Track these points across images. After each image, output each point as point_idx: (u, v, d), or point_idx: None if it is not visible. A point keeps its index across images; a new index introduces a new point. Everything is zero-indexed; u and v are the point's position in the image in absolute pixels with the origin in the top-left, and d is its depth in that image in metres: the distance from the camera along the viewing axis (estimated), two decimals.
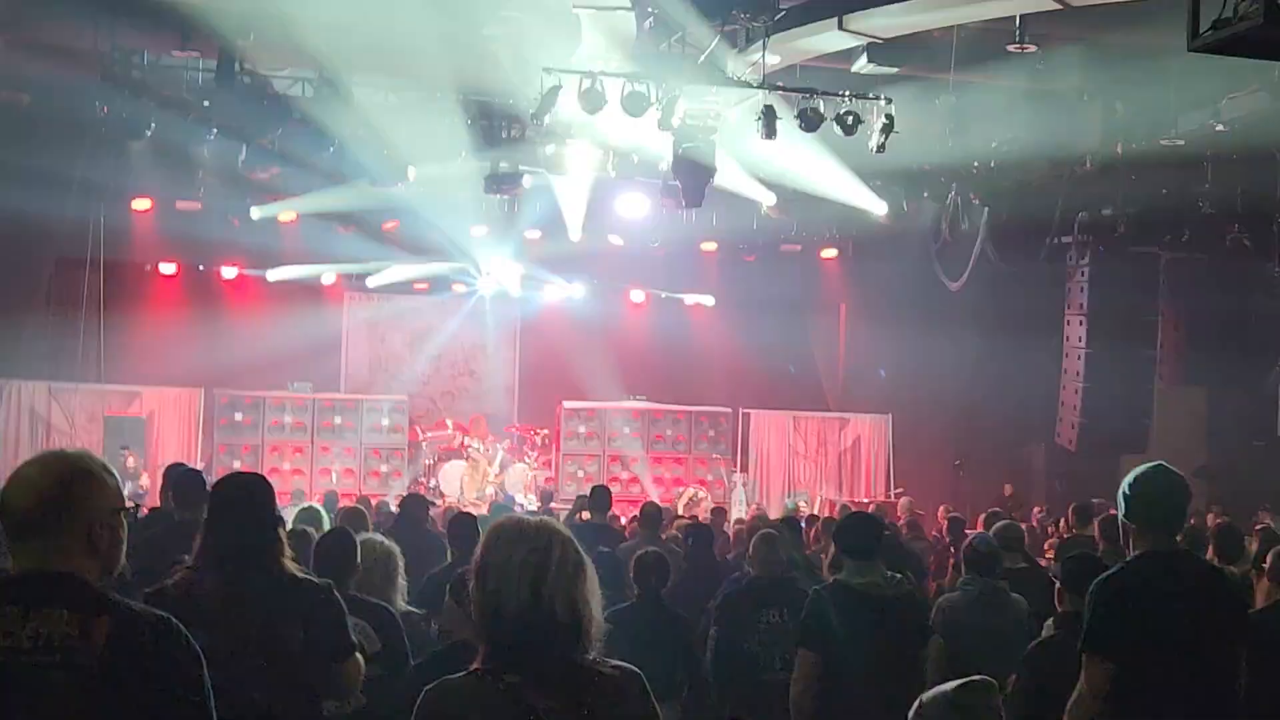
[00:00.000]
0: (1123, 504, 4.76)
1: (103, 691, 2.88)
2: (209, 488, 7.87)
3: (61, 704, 2.86)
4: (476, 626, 3.06)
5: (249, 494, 4.70)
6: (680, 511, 19.09)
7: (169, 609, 4.31)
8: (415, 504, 11.96)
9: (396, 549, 6.30)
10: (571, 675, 3.00)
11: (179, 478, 7.50)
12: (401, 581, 6.23)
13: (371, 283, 22.38)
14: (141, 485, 17.03)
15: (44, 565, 2.98)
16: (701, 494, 20.53)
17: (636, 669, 3.17)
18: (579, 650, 3.04)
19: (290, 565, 4.66)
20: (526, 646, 2.98)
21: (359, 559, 5.82)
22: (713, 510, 15.68)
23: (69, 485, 3.03)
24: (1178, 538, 4.81)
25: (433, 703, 3.01)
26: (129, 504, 3.21)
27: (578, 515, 12.16)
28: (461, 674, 3.04)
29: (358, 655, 4.86)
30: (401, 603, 6.15)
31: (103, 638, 2.90)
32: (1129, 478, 4.77)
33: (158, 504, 9.90)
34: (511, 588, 2.99)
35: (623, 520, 13.44)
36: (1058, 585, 6.22)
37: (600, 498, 11.50)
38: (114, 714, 2.90)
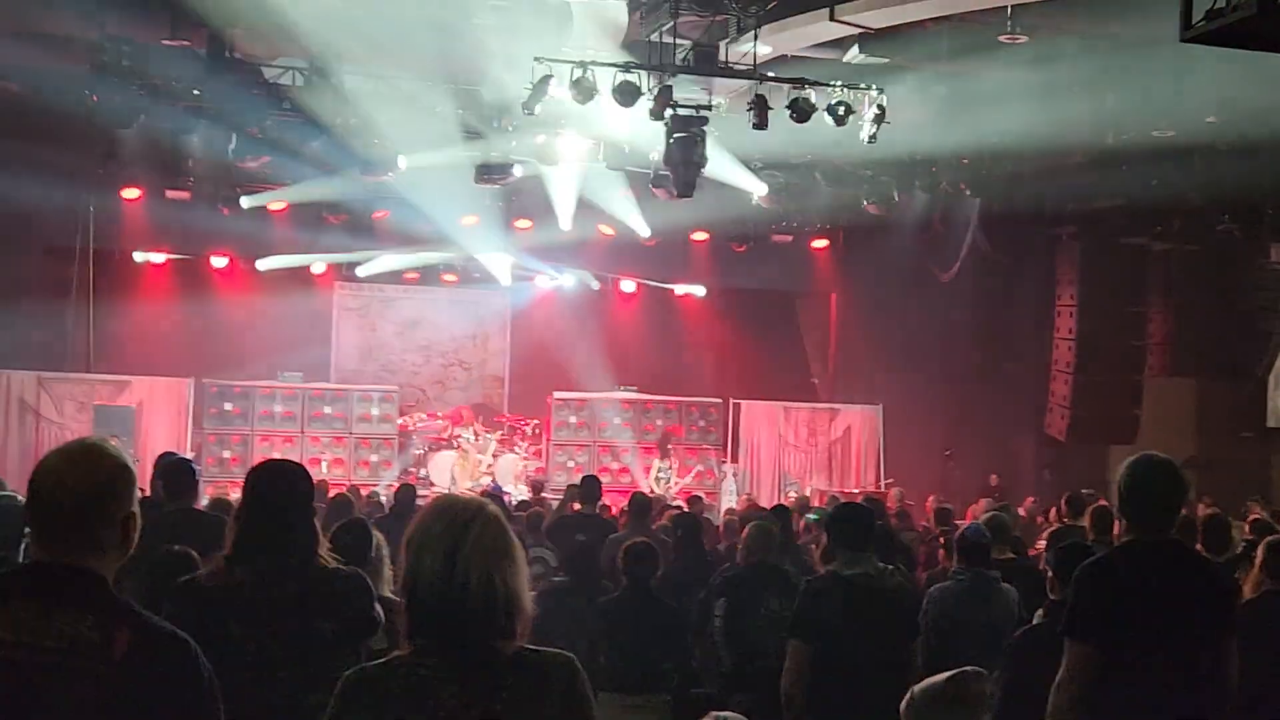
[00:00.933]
0: (1117, 493, 4.77)
1: (115, 703, 2.82)
2: (193, 475, 7.92)
3: (74, 709, 2.80)
4: (401, 602, 3.02)
5: (289, 484, 4.58)
6: (652, 487, 19.13)
7: (203, 601, 4.32)
8: (407, 494, 12.00)
9: (381, 538, 6.30)
10: (489, 665, 2.93)
11: (169, 467, 7.48)
12: (388, 571, 6.22)
13: (361, 272, 22.35)
14: None
15: (69, 559, 2.92)
16: (666, 466, 20.55)
17: (569, 656, 3.09)
18: (498, 636, 2.95)
19: (323, 556, 4.59)
20: (442, 627, 2.93)
21: (374, 551, 5.81)
22: (690, 499, 15.62)
23: (114, 479, 2.99)
24: (1170, 529, 4.80)
25: (349, 690, 2.98)
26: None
27: (568, 505, 12.15)
28: (381, 661, 3.01)
29: (382, 632, 4.84)
30: (389, 591, 6.14)
31: (123, 648, 2.85)
32: (1124, 466, 4.77)
33: (146, 492, 9.88)
34: (426, 560, 2.94)
35: (614, 510, 13.43)
36: (1050, 574, 6.24)
37: (590, 488, 11.51)
38: None
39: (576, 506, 11.63)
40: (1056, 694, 4.58)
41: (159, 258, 21.09)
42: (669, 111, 13.84)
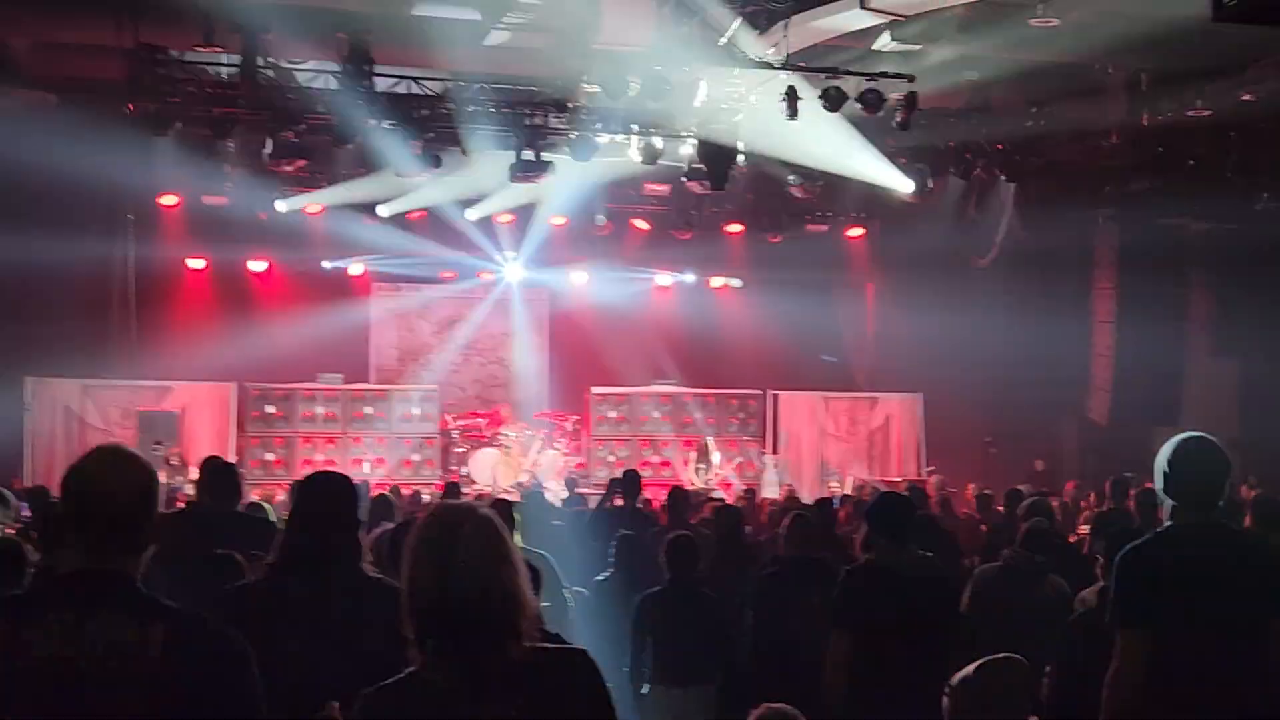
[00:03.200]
0: (1159, 475, 4.72)
1: (159, 700, 2.85)
2: (237, 478, 7.98)
3: (119, 712, 2.83)
4: (405, 617, 3.01)
5: (337, 496, 4.66)
6: (692, 479, 19.20)
7: (251, 606, 4.35)
8: (453, 492, 12.07)
9: None
10: (500, 669, 2.92)
11: (214, 471, 7.53)
12: None
13: (397, 269, 22.45)
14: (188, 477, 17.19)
15: (105, 564, 2.95)
16: (709, 444, 20.59)
17: (583, 651, 3.09)
18: (502, 638, 2.93)
19: (367, 566, 4.63)
20: (442, 634, 2.93)
21: None
22: (745, 491, 15.68)
23: (151, 482, 3.05)
24: (1214, 509, 4.75)
25: (368, 707, 2.99)
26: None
27: (610, 500, 12.18)
28: (397, 677, 2.99)
29: None
30: None
31: (159, 645, 2.87)
32: (1166, 448, 4.71)
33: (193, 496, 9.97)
34: (420, 569, 2.95)
35: (656, 505, 13.45)
36: (1100, 560, 6.21)
37: (631, 483, 11.51)
38: None
39: (618, 501, 11.64)
40: (1113, 687, 4.52)
41: (198, 263, 21.26)
42: (700, 104, 13.84)
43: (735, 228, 22.03)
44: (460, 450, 21.14)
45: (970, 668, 4.33)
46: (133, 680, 2.84)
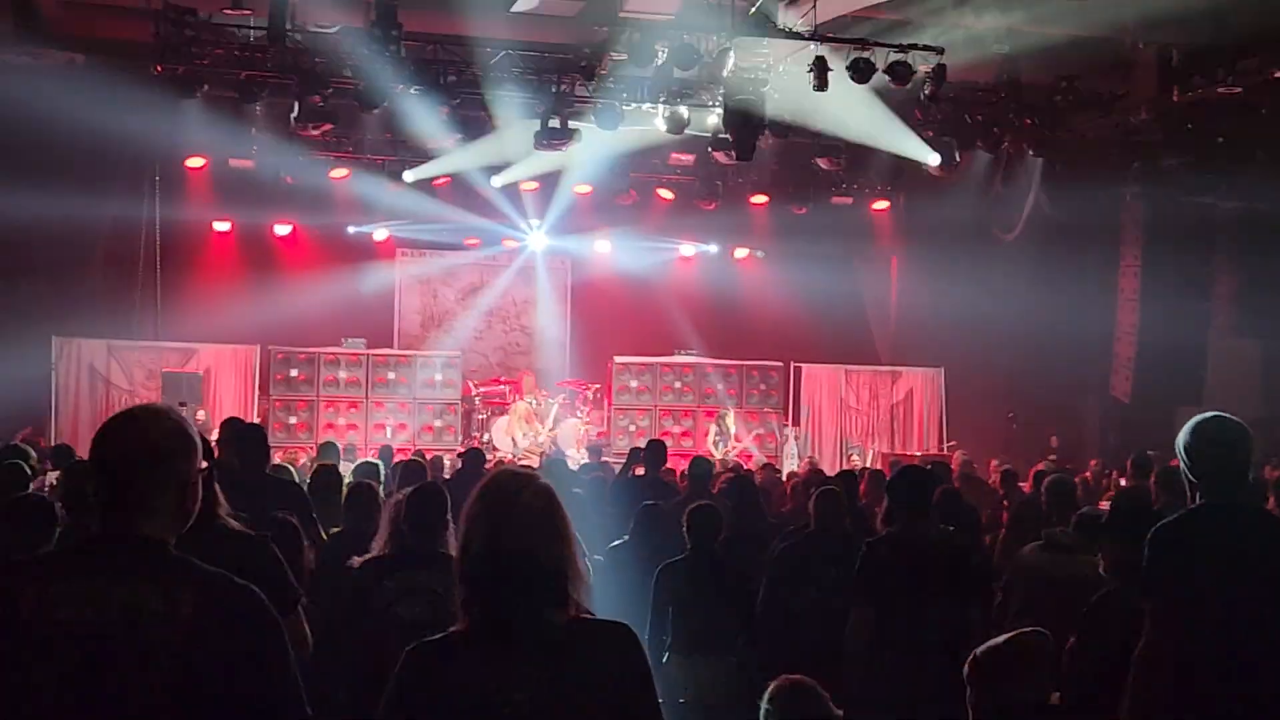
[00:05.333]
0: (1183, 456, 4.70)
1: (190, 666, 2.77)
2: (265, 440, 8.01)
3: (149, 680, 2.75)
4: (455, 578, 3.04)
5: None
6: (711, 449, 19.21)
7: None
8: (474, 457, 12.07)
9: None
10: (541, 636, 2.94)
11: (242, 433, 7.54)
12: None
13: (422, 235, 22.46)
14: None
15: (129, 528, 2.86)
16: (728, 419, 20.60)
17: (626, 626, 3.09)
18: (546, 605, 2.96)
19: (227, 519, 4.58)
20: (488, 598, 2.95)
21: (449, 515, 5.88)
22: (764, 465, 15.69)
23: (166, 442, 2.92)
24: (1243, 488, 4.72)
25: (409, 665, 2.99)
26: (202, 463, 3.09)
27: (631, 470, 12.18)
28: (439, 636, 3.02)
29: (300, 610, 4.83)
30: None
31: (189, 610, 2.79)
32: (1186, 429, 4.69)
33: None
34: (474, 532, 2.99)
35: (677, 474, 13.46)
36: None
37: (655, 452, 11.49)
38: (202, 688, 2.78)
39: (639, 471, 11.64)
40: (1143, 664, 4.48)
41: (224, 226, 21.32)
42: (728, 74, 13.79)
43: (760, 199, 21.98)
44: (482, 417, 21.19)
45: (999, 639, 4.33)
46: (159, 648, 2.76)
